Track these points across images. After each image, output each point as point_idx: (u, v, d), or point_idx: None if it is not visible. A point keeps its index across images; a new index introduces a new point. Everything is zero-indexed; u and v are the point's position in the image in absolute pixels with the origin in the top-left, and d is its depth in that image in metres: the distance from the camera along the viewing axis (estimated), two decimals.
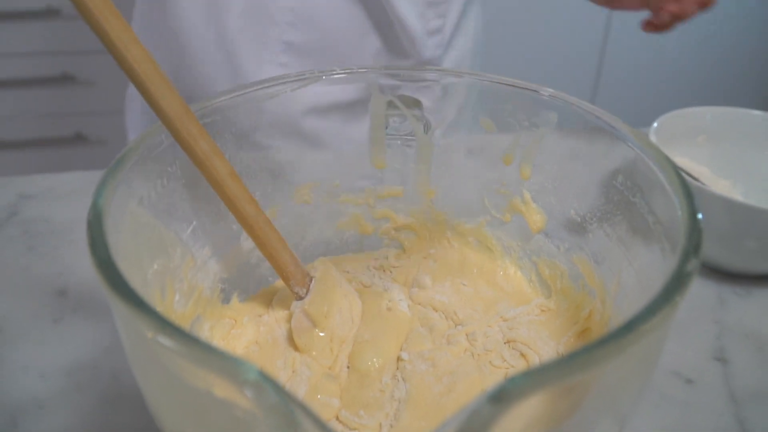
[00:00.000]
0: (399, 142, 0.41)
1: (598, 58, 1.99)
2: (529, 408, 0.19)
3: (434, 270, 0.41)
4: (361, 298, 0.38)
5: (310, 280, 0.37)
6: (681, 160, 0.63)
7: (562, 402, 0.21)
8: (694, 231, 0.25)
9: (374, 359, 0.35)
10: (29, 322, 0.48)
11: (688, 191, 0.27)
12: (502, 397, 0.18)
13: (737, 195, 0.61)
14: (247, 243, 0.39)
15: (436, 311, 0.39)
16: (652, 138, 0.59)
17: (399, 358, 0.36)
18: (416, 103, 0.40)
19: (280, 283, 0.40)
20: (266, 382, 0.18)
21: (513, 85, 0.37)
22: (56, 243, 0.56)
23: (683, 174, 0.29)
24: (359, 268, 0.42)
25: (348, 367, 0.35)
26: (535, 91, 0.36)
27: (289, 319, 0.37)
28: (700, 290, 0.55)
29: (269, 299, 0.39)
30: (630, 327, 0.21)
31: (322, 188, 0.41)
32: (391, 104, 0.39)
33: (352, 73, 0.37)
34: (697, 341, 0.50)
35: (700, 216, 0.25)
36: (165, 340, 0.20)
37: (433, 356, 0.35)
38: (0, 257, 0.54)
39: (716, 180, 0.63)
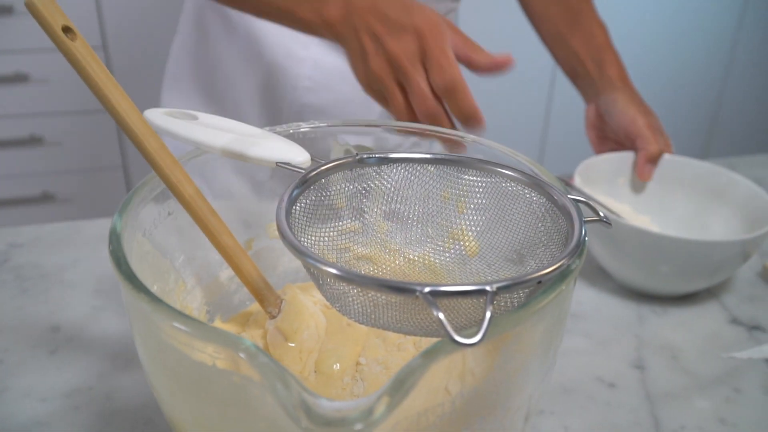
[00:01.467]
0: (352, 184, 0.48)
1: (544, 113, 2.11)
2: (450, 363, 0.26)
3: None
4: (325, 316, 0.45)
5: (281, 302, 0.44)
6: (604, 199, 0.71)
7: (483, 360, 0.28)
8: (581, 241, 0.32)
9: (336, 364, 0.42)
10: (27, 354, 0.54)
11: (580, 213, 0.35)
12: (429, 354, 0.25)
13: (655, 228, 0.70)
14: (226, 273, 0.46)
15: None
16: (576, 179, 0.67)
17: (358, 363, 0.42)
18: (369, 150, 0.47)
19: (254, 306, 0.47)
20: (257, 348, 0.25)
21: (439, 135, 0.45)
22: (47, 285, 0.62)
23: (591, 205, 0.37)
24: None
25: (315, 372, 0.42)
26: (460, 137, 0.44)
27: (264, 336, 0.44)
28: (621, 309, 0.62)
29: (246, 320, 0.46)
30: (528, 304, 0.28)
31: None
32: (347, 152, 0.47)
33: (316, 128, 0.45)
34: (618, 352, 0.57)
35: (584, 230, 0.33)
36: (181, 325, 0.26)
37: (386, 360, 0.42)
38: None
39: (636, 216, 0.72)
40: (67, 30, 0.33)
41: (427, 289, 0.26)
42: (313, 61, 0.77)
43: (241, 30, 0.78)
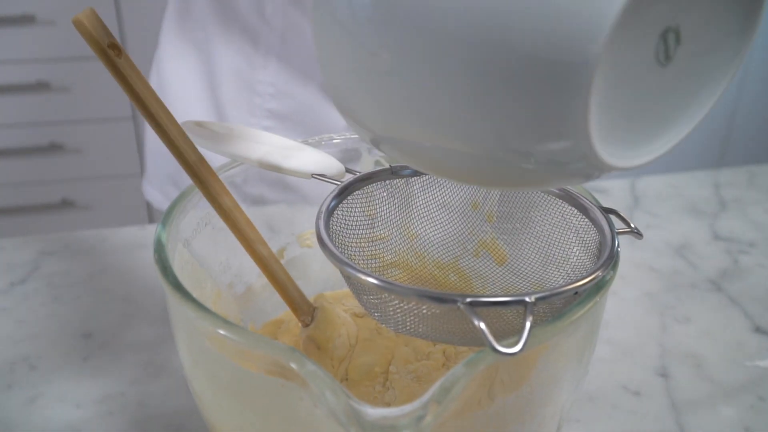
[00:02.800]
0: (385, 193, 0.49)
1: None
2: (489, 371, 0.26)
3: None
4: (356, 324, 0.46)
5: (314, 311, 0.45)
6: None
7: (521, 368, 0.29)
8: (614, 253, 0.33)
9: (367, 372, 0.43)
10: (61, 360, 0.55)
11: (611, 224, 0.35)
12: (472, 363, 0.26)
13: None
14: (259, 281, 0.47)
15: None
16: None
17: (388, 371, 0.43)
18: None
19: (286, 315, 0.48)
20: (304, 356, 0.26)
21: None
22: (78, 293, 0.63)
23: (622, 216, 0.37)
24: (354, 300, 0.50)
25: (346, 379, 0.42)
26: None
27: (296, 344, 0.44)
28: (644, 317, 0.63)
29: (278, 327, 0.47)
30: (564, 315, 0.29)
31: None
32: (377, 163, 0.48)
33: (346, 139, 0.46)
34: (642, 360, 0.57)
35: (617, 242, 0.34)
36: (228, 333, 0.27)
37: (416, 369, 0.43)
38: (28, 306, 0.61)
39: None
40: (112, 47, 0.34)
41: (468, 300, 0.27)
42: (274, 68, 0.78)
43: (199, 43, 0.79)
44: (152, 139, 0.84)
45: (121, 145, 1.69)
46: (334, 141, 0.46)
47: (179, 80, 0.81)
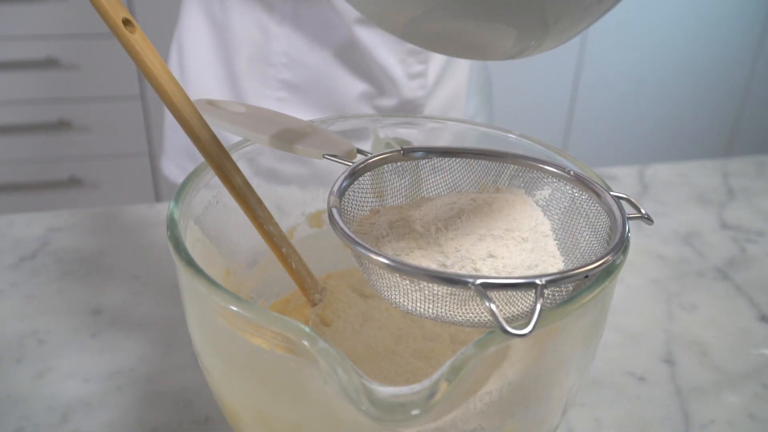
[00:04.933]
0: (395, 175, 0.49)
1: (569, 105, 2.10)
2: (498, 353, 0.27)
3: None
4: (365, 304, 0.46)
5: (322, 290, 0.45)
6: None
7: (530, 350, 0.29)
8: (624, 238, 0.33)
9: (374, 351, 0.43)
10: (70, 336, 0.55)
11: (622, 209, 0.35)
12: (482, 343, 0.26)
13: None
14: (267, 260, 0.47)
15: None
16: None
17: (393, 351, 0.43)
18: (408, 143, 0.48)
19: (293, 294, 0.48)
20: (316, 334, 0.26)
21: (485, 126, 0.46)
22: (87, 269, 0.63)
23: (632, 202, 0.37)
24: (362, 280, 0.50)
25: (354, 358, 0.43)
26: (504, 132, 0.45)
27: (304, 322, 0.45)
28: (651, 305, 0.63)
29: (285, 307, 0.47)
30: (574, 298, 0.29)
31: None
32: (387, 145, 0.47)
33: (352, 118, 0.46)
34: (648, 347, 0.58)
35: (628, 227, 0.34)
36: (241, 310, 0.27)
37: (422, 349, 0.43)
38: (37, 282, 0.61)
39: None
40: (126, 22, 0.34)
41: (479, 281, 0.27)
42: (288, 38, 0.78)
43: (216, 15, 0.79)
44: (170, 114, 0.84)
45: (129, 124, 1.69)
46: (345, 120, 0.46)
47: (196, 53, 0.81)
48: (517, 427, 0.32)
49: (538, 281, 0.28)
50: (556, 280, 0.29)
